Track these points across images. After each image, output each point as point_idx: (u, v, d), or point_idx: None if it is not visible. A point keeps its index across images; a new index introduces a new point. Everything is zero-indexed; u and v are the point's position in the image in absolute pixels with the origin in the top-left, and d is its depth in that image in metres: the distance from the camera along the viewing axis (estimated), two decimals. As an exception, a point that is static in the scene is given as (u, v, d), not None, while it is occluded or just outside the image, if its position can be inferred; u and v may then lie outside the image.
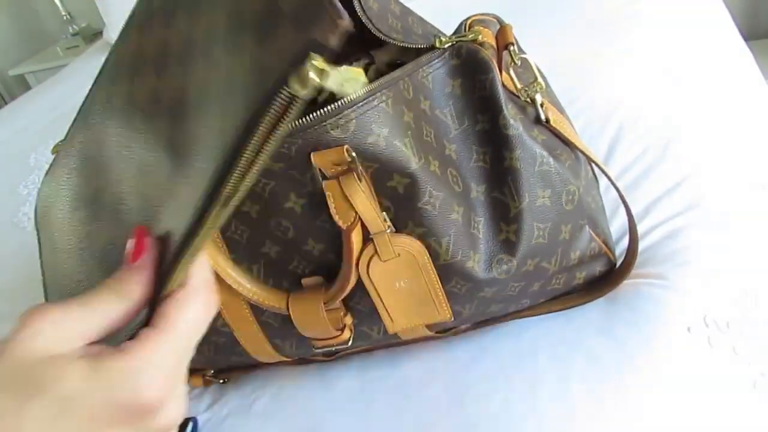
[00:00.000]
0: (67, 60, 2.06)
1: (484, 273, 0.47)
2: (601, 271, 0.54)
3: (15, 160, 1.25)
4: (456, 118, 0.47)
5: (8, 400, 0.24)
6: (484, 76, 0.46)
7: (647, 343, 0.49)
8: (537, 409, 0.47)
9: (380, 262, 0.45)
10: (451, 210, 0.45)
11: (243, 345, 0.53)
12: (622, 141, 0.71)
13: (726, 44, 0.90)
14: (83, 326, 0.27)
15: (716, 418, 0.44)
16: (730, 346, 0.48)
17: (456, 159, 0.47)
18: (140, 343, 0.27)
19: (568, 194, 0.48)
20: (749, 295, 0.51)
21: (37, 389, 0.25)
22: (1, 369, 0.25)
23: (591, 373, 0.48)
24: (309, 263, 0.47)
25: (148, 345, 0.27)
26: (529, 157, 0.46)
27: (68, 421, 0.25)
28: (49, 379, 0.25)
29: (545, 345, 0.52)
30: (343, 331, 0.50)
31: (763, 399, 0.44)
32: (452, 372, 0.53)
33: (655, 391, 0.46)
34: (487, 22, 0.52)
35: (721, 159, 0.66)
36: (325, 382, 0.56)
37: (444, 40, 0.47)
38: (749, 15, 1.80)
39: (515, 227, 0.46)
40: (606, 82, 0.82)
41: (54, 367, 0.25)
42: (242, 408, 0.57)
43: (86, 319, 0.27)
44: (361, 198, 0.42)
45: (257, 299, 0.48)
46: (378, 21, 0.44)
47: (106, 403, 0.25)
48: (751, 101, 0.76)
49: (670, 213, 0.61)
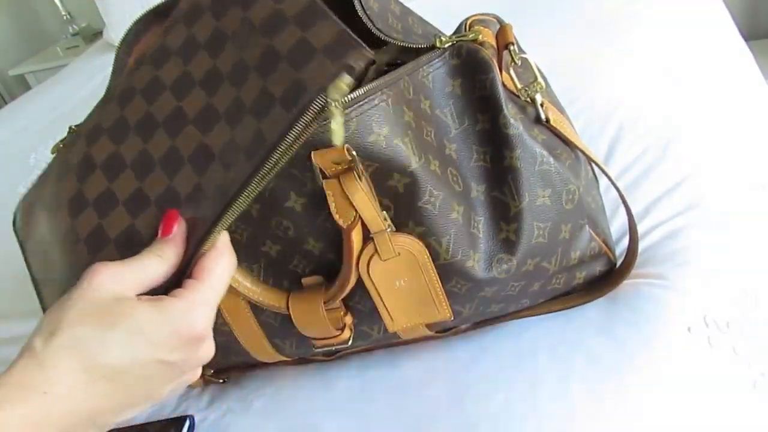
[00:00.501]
0: (67, 60, 2.06)
1: (484, 272, 0.47)
2: (601, 270, 0.54)
3: (15, 160, 1.25)
4: (456, 117, 0.47)
5: (91, 330, 0.31)
6: (485, 76, 0.46)
7: (647, 343, 0.49)
8: (537, 409, 0.47)
9: (380, 261, 0.45)
10: (451, 209, 0.45)
11: (243, 344, 0.53)
12: (622, 141, 0.71)
13: (726, 44, 0.90)
14: (135, 280, 0.34)
15: (716, 418, 0.44)
16: (730, 346, 0.47)
17: (456, 158, 0.47)
18: (188, 289, 0.34)
19: (568, 194, 0.48)
20: (749, 295, 0.51)
21: (113, 322, 0.31)
22: (82, 306, 0.32)
23: (591, 373, 0.48)
24: (309, 263, 0.47)
25: (196, 289, 0.34)
26: (530, 156, 0.46)
27: (140, 347, 0.32)
28: (122, 314, 0.32)
29: (545, 345, 0.52)
30: (343, 330, 0.50)
31: (763, 399, 0.44)
32: (452, 372, 0.53)
33: (655, 391, 0.46)
34: (487, 22, 0.52)
35: (721, 159, 0.66)
36: (324, 382, 0.56)
37: (444, 40, 0.47)
38: (749, 15, 1.80)
39: (515, 226, 0.46)
40: (606, 82, 0.82)
41: (124, 305, 0.32)
42: (241, 406, 0.57)
43: (138, 274, 0.34)
44: (361, 197, 0.42)
45: (257, 298, 0.48)
46: (378, 21, 0.44)
47: (168, 333, 0.32)
48: (751, 101, 0.76)
49: (670, 213, 0.61)
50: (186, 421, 0.56)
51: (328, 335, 0.50)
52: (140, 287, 0.34)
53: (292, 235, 0.46)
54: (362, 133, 0.41)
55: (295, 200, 0.44)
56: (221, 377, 0.61)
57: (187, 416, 0.56)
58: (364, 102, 0.41)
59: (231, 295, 0.50)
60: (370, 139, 0.41)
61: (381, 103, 0.42)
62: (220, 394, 0.59)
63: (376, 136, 0.42)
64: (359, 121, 0.41)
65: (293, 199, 0.44)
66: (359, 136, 0.41)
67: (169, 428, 0.56)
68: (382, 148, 0.42)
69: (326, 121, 0.39)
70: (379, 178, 0.43)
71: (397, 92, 0.43)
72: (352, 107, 0.41)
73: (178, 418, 0.57)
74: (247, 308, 0.51)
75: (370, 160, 0.42)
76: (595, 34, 0.96)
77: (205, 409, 0.58)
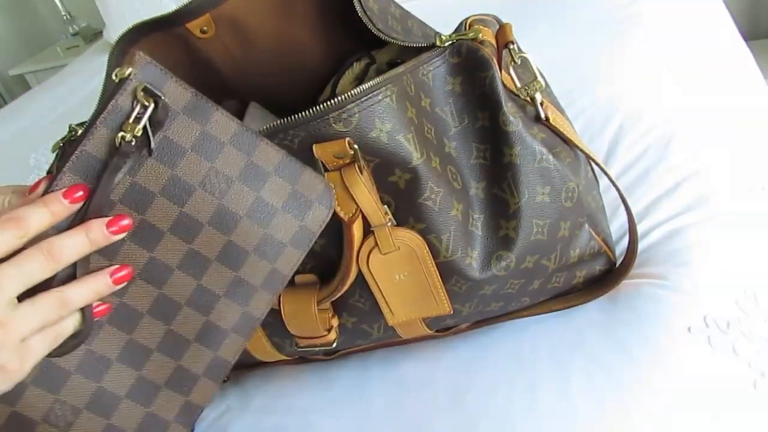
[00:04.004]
0: (67, 60, 2.06)
1: (482, 270, 0.47)
2: (600, 270, 0.54)
3: (15, 160, 1.25)
4: (456, 115, 0.47)
5: None
6: (484, 74, 0.46)
7: (647, 343, 0.49)
8: (537, 409, 0.47)
9: (380, 254, 0.45)
10: (451, 206, 0.45)
11: (242, 343, 0.53)
12: (622, 141, 0.71)
13: (726, 44, 0.90)
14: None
15: (716, 418, 0.44)
16: (730, 346, 0.47)
17: (455, 156, 0.47)
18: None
19: (568, 191, 0.48)
20: (749, 295, 0.51)
21: None
22: None
23: (591, 373, 0.48)
24: (310, 259, 0.48)
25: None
26: (529, 153, 0.46)
27: None
28: None
29: (545, 345, 0.52)
30: (329, 332, 0.50)
31: (763, 399, 0.44)
32: (452, 372, 0.53)
33: (655, 391, 0.46)
34: (487, 21, 0.52)
35: (721, 159, 0.66)
36: (324, 381, 0.56)
37: (444, 39, 0.47)
38: (749, 15, 1.80)
39: (514, 224, 0.47)
40: (606, 82, 0.82)
41: None
42: (241, 404, 0.57)
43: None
44: (362, 190, 0.42)
45: None
46: (378, 22, 0.44)
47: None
48: (751, 101, 0.76)
49: (670, 213, 0.61)
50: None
51: (315, 334, 0.50)
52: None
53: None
54: (365, 129, 0.41)
55: None
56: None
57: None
58: (367, 98, 0.41)
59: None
60: (373, 135, 0.42)
61: (385, 99, 0.42)
62: (219, 393, 0.59)
63: (379, 131, 0.42)
64: (362, 116, 0.41)
65: None
66: (361, 131, 0.41)
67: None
68: (383, 144, 0.42)
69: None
70: (381, 173, 0.43)
71: (401, 89, 0.43)
72: (355, 103, 0.41)
73: (178, 417, 0.57)
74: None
75: (372, 155, 0.42)
76: (595, 34, 0.96)
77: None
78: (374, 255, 0.45)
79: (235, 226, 0.38)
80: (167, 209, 0.36)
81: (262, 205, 0.38)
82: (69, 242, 0.33)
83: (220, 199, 0.37)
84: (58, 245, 0.33)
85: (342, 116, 0.41)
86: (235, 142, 0.37)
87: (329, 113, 0.41)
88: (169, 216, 0.36)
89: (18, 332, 0.32)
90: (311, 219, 0.41)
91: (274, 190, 0.39)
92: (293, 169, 0.39)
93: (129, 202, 0.35)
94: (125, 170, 0.34)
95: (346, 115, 0.41)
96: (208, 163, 0.36)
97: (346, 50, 0.56)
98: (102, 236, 0.34)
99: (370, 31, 0.44)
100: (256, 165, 0.38)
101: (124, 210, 0.35)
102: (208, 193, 0.37)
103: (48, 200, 0.33)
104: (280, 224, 0.39)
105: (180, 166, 0.36)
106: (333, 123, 0.41)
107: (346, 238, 0.44)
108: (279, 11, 0.53)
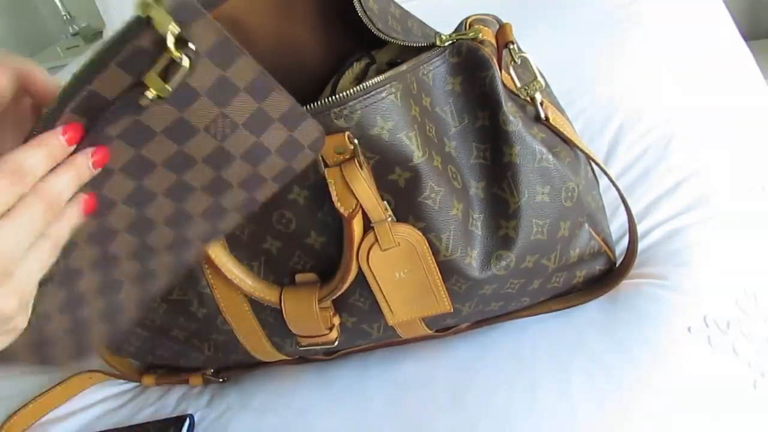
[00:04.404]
0: (67, 60, 2.06)
1: (482, 269, 0.47)
2: (600, 270, 0.54)
3: (15, 159, 1.25)
4: (456, 115, 0.47)
5: None
6: (484, 73, 0.46)
7: (647, 343, 0.49)
8: (537, 409, 0.47)
9: (380, 251, 0.45)
10: (451, 206, 0.45)
11: (243, 343, 0.53)
12: (622, 141, 0.71)
13: (726, 44, 0.90)
14: None
15: (716, 418, 0.44)
16: (730, 346, 0.47)
17: (456, 156, 0.47)
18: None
19: (568, 191, 0.48)
20: (749, 295, 0.51)
21: None
22: None
23: (591, 373, 0.48)
24: (310, 258, 0.48)
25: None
26: (529, 153, 0.46)
27: None
28: None
29: (545, 345, 0.52)
30: (331, 330, 0.50)
31: (763, 399, 0.44)
32: (452, 372, 0.53)
33: (655, 391, 0.46)
34: (488, 21, 0.52)
35: (721, 159, 0.66)
36: (324, 381, 0.56)
37: (444, 38, 0.47)
38: (749, 15, 1.79)
39: (514, 223, 0.47)
40: (606, 82, 0.82)
41: None
42: (241, 404, 0.57)
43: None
44: (362, 185, 0.42)
45: (253, 293, 0.48)
46: (378, 22, 0.44)
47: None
48: (751, 101, 0.76)
49: (670, 213, 0.61)
50: (186, 420, 0.56)
51: (317, 333, 0.50)
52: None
53: (293, 229, 0.46)
54: (366, 125, 0.42)
55: (298, 192, 0.45)
56: (221, 376, 0.61)
57: (187, 415, 0.57)
58: (369, 95, 0.41)
59: (231, 293, 0.50)
60: (373, 132, 0.42)
61: (389, 96, 0.42)
62: (219, 393, 0.59)
63: (380, 129, 0.42)
64: (363, 113, 0.41)
65: (296, 191, 0.44)
66: (363, 127, 0.41)
67: (169, 427, 0.56)
68: (384, 141, 0.42)
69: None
70: (381, 171, 0.43)
71: (405, 87, 0.44)
72: (357, 99, 0.41)
73: (178, 417, 0.57)
74: (247, 306, 0.51)
75: (372, 152, 0.42)
76: (595, 34, 0.96)
77: (204, 407, 0.58)
78: (374, 251, 0.45)
79: (228, 165, 0.37)
80: (165, 146, 0.34)
81: (259, 148, 0.37)
82: (61, 184, 0.30)
83: (221, 142, 0.36)
84: (55, 192, 0.29)
85: (343, 112, 0.41)
86: (250, 88, 0.35)
87: (330, 108, 0.41)
88: (165, 152, 0.35)
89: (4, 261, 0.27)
90: (298, 161, 0.40)
91: (274, 135, 0.38)
92: (297, 117, 0.38)
93: (128, 138, 0.33)
94: (131, 113, 0.32)
95: (347, 111, 0.41)
96: (218, 109, 0.34)
97: (346, 50, 0.56)
98: (87, 171, 0.31)
99: (370, 31, 0.44)
100: (264, 112, 0.36)
101: (121, 145, 0.33)
102: (211, 136, 0.35)
103: (46, 140, 0.29)
104: (268, 165, 0.39)
105: (189, 109, 0.33)
106: (334, 119, 0.41)
107: (346, 234, 0.44)
108: (279, 11, 0.53)
